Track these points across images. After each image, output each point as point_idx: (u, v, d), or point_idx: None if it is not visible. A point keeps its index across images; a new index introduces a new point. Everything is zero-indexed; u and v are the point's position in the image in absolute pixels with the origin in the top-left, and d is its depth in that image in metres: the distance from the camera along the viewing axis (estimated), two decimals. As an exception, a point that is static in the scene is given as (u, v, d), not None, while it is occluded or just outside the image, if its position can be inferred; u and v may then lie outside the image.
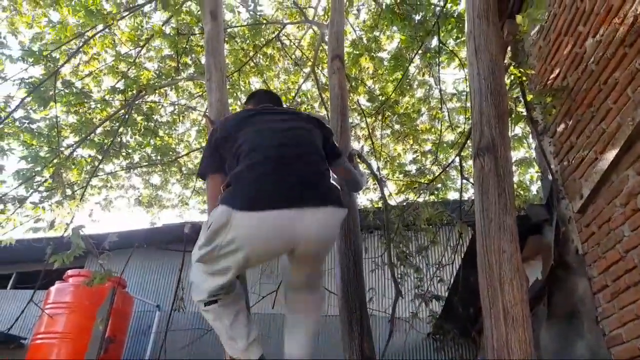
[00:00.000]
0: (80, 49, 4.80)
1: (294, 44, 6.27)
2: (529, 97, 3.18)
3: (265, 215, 1.61)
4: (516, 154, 4.98)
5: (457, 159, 3.68)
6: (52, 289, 7.01)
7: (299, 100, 6.32)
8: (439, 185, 4.81)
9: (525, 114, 3.18)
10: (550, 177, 3.64)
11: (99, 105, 5.15)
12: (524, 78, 3.10)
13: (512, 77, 3.30)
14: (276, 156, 1.74)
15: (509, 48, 4.00)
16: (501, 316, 1.45)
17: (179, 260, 3.57)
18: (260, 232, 1.63)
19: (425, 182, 4.52)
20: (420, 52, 4.76)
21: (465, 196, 4.37)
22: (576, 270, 3.03)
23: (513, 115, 3.19)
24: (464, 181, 3.49)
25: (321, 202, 1.70)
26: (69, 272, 7.04)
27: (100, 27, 4.45)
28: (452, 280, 4.00)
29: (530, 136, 4.18)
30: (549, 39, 3.67)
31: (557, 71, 3.52)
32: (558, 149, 3.50)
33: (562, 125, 3.43)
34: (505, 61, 4.01)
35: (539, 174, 4.32)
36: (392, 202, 5.57)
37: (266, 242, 1.67)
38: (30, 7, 4.73)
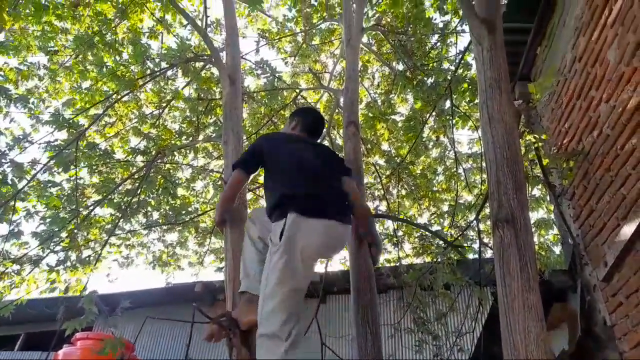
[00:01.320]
0: (106, 112, 5.00)
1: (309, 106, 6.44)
2: (545, 162, 3.16)
3: (325, 221, 2.09)
4: (535, 215, 4.87)
5: (475, 222, 3.62)
6: (60, 353, 6.84)
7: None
8: (458, 247, 4.69)
9: (541, 177, 3.15)
10: (570, 241, 3.55)
11: (120, 165, 5.27)
12: (539, 144, 3.10)
13: (527, 141, 3.31)
14: (320, 178, 2.29)
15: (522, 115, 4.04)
16: (529, 403, 1.36)
17: (190, 325, 3.47)
18: (322, 232, 2.08)
19: (443, 244, 4.43)
20: (434, 114, 4.83)
21: (485, 255, 4.26)
22: (606, 343, 2.87)
23: (530, 179, 3.16)
24: (482, 247, 3.42)
25: (345, 219, 2.23)
26: (78, 335, 6.89)
27: (124, 91, 4.65)
28: (473, 348, 3.82)
29: (549, 198, 4.12)
30: (561, 102, 3.70)
31: (571, 134, 3.53)
32: (578, 212, 3.43)
33: (581, 189, 3.38)
34: (520, 125, 4.04)
35: (560, 236, 4.21)
36: (406, 261, 5.47)
37: (325, 241, 2.11)
38: (65, 78, 5.03)
